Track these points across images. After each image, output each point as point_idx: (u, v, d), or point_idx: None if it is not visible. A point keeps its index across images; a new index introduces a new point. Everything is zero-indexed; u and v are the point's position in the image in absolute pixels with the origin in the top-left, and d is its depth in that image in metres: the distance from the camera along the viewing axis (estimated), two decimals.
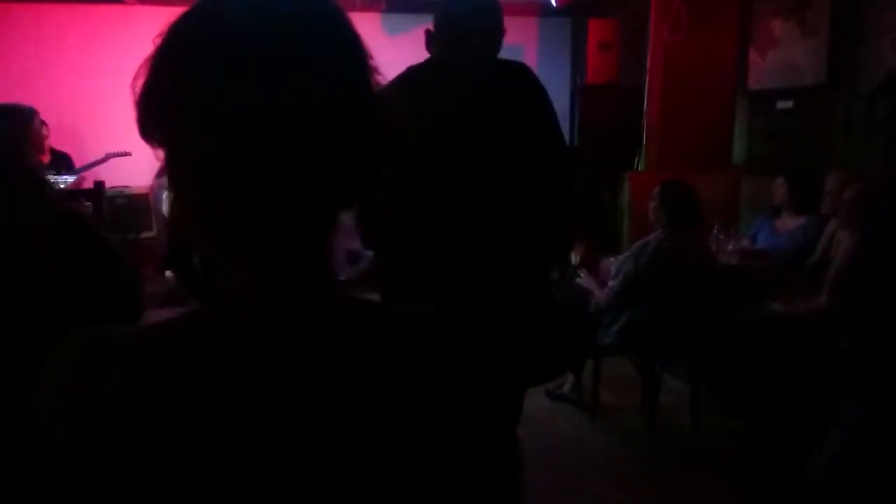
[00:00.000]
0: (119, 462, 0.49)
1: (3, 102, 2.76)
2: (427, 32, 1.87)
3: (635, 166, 4.98)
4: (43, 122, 3.61)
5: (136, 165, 4.67)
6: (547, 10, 5.94)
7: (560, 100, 6.11)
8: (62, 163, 4.78)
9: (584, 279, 3.63)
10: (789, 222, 3.81)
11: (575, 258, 3.85)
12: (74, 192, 3.88)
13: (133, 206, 5.14)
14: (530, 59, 6.41)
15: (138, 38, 0.94)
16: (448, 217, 1.72)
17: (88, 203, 3.39)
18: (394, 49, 5.89)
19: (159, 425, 0.50)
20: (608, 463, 3.15)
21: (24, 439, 0.52)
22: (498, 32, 1.86)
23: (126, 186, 5.18)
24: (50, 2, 5.69)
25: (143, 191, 5.28)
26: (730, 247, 3.78)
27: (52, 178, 3.60)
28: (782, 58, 4.47)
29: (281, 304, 0.54)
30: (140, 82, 0.52)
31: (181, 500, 0.50)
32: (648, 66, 4.83)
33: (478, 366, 0.59)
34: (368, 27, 7.30)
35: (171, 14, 0.60)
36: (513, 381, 1.75)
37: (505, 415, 1.73)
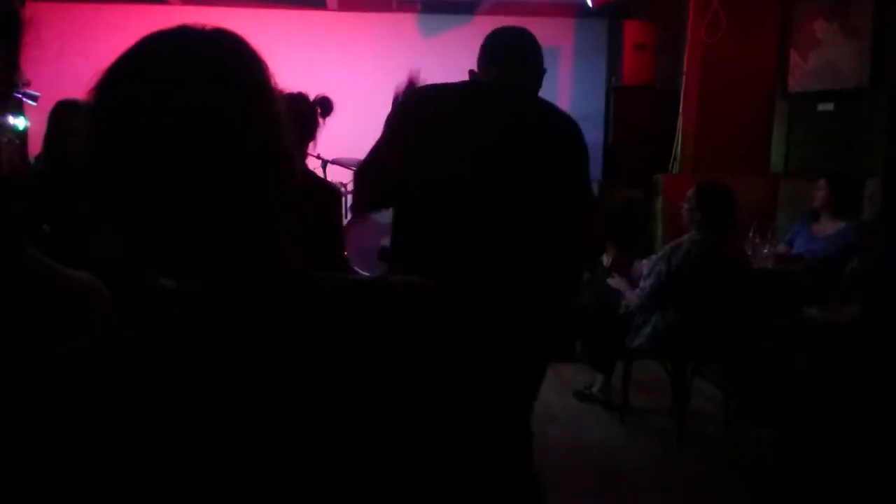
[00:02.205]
0: (124, 457, 0.53)
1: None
2: (470, 73, 1.91)
3: (669, 169, 4.93)
4: None
5: None
6: (583, 12, 5.91)
7: (595, 101, 6.07)
8: None
9: (615, 280, 3.61)
10: (828, 227, 3.73)
11: (607, 260, 3.83)
12: None
13: None
14: (566, 59, 6.38)
15: None
16: (466, 222, 1.75)
17: None
18: (429, 50, 5.94)
19: (165, 419, 0.54)
20: (636, 466, 3.12)
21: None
22: (539, 72, 1.91)
23: None
24: (102, 2, 5.83)
25: None
26: (765, 251, 3.72)
27: None
28: (824, 59, 4.39)
29: (245, 285, 0.60)
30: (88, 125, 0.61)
31: (184, 490, 0.54)
32: (685, 68, 4.77)
33: (434, 328, 0.64)
34: (404, 29, 7.30)
35: (212, 14, 0.64)
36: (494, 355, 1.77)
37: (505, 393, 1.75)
